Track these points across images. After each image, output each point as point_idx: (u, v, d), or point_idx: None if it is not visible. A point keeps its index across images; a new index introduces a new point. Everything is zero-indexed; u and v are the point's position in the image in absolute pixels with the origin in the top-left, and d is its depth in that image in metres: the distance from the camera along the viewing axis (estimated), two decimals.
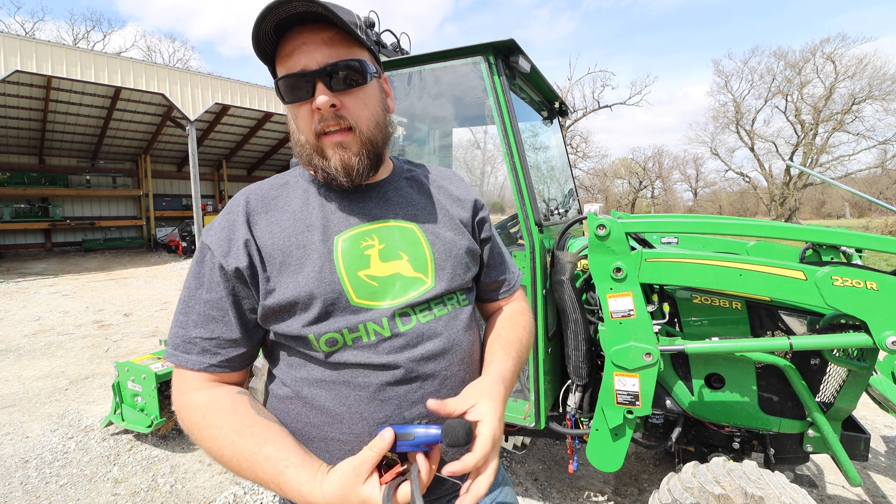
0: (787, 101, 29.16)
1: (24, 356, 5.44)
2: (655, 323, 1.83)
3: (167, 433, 3.40)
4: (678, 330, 2.02)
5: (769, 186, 31.20)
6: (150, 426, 3.10)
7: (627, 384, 1.81)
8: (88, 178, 21.07)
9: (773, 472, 1.61)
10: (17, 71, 10.83)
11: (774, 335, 1.89)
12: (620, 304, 1.80)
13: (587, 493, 2.67)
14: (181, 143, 20.70)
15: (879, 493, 2.65)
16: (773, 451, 1.95)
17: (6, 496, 2.69)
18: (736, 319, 1.92)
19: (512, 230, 2.83)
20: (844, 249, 2.08)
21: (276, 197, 0.87)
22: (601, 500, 2.61)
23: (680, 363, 2.03)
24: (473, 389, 0.79)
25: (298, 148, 0.84)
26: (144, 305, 8.53)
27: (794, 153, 29.39)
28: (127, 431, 3.42)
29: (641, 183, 42.76)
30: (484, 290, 1.05)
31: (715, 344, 1.78)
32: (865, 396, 2.11)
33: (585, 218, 2.06)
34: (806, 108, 28.52)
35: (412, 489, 0.64)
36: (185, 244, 18.10)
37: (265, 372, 1.72)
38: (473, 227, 0.99)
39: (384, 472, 0.68)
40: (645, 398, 1.79)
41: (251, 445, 0.72)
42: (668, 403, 2.05)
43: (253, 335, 0.84)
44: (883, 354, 1.81)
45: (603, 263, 1.82)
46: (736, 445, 1.99)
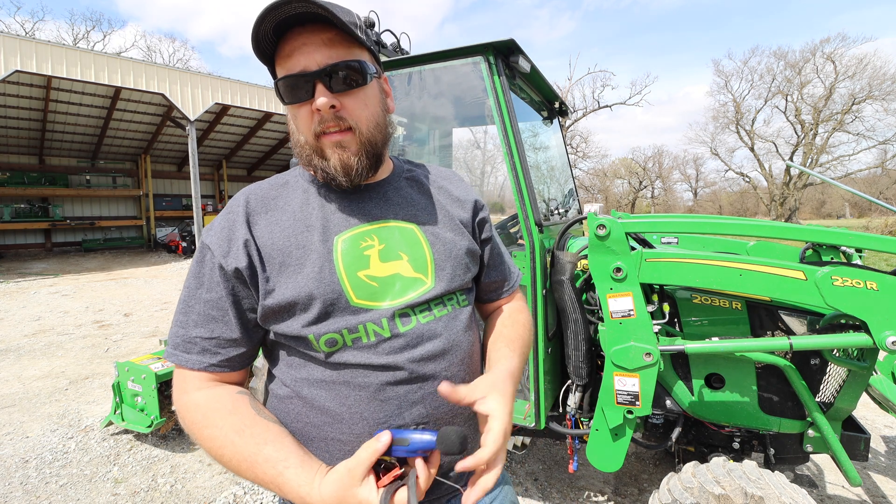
0: (787, 101, 29.18)
1: (24, 356, 5.44)
2: (655, 323, 1.83)
3: (167, 433, 3.40)
4: (678, 330, 2.02)
5: (769, 186, 31.20)
6: (150, 426, 3.11)
7: (627, 384, 1.81)
8: (88, 178, 21.07)
9: (773, 472, 1.61)
10: (17, 71, 10.84)
11: (774, 335, 1.89)
12: (620, 304, 1.80)
13: (587, 493, 2.67)
14: (181, 143, 20.70)
15: (879, 493, 2.65)
16: (773, 451, 1.95)
17: (6, 496, 2.69)
18: (736, 319, 1.92)
19: (512, 230, 2.83)
20: (844, 249, 2.08)
21: (276, 197, 0.87)
22: (601, 500, 2.61)
23: (680, 363, 2.03)
24: (483, 383, 0.78)
25: (298, 148, 0.83)
26: (144, 305, 8.53)
27: (794, 153, 29.39)
28: (127, 431, 3.42)
29: (641, 183, 42.76)
30: (484, 290, 1.05)
31: (715, 344, 1.78)
32: (865, 396, 2.11)
33: (585, 218, 2.06)
34: (806, 108, 28.55)
35: (409, 495, 0.63)
36: (185, 244, 18.10)
37: (265, 372, 1.72)
38: (474, 227, 0.99)
39: (382, 474, 0.67)
40: (645, 398, 1.79)
41: (251, 446, 0.72)
42: (668, 403, 2.05)
43: (253, 335, 0.84)
44: (883, 354, 1.81)
45: (603, 263, 1.82)
46: (736, 445, 1.99)
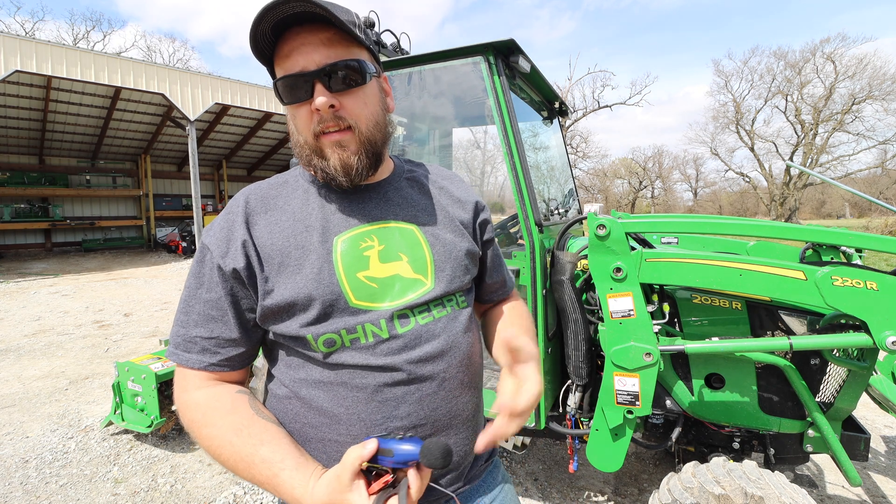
0: (787, 101, 29.17)
1: (24, 356, 5.44)
2: (655, 323, 1.83)
3: (167, 433, 3.40)
4: (678, 330, 2.02)
5: (769, 186, 31.19)
6: (150, 426, 3.10)
7: (627, 384, 1.81)
8: (88, 178, 21.05)
9: (773, 472, 1.61)
10: (17, 71, 10.83)
11: (774, 335, 1.88)
12: (620, 304, 1.80)
13: (587, 493, 2.67)
14: (181, 143, 20.69)
15: (879, 493, 2.65)
16: (773, 451, 1.95)
17: (6, 496, 2.69)
18: (736, 319, 1.92)
19: (512, 230, 2.84)
20: (844, 249, 2.08)
21: (275, 197, 0.87)
22: (601, 500, 2.61)
23: (680, 363, 2.03)
24: (526, 352, 0.79)
25: (298, 149, 0.83)
26: (144, 305, 8.53)
27: (794, 153, 29.38)
28: (127, 431, 3.42)
29: (641, 183, 42.75)
30: (485, 291, 1.05)
31: (715, 344, 1.78)
32: (865, 396, 2.11)
33: (585, 218, 2.06)
34: (806, 108, 28.53)
35: None
36: (185, 244, 18.09)
37: (265, 372, 1.72)
38: (475, 228, 0.99)
39: (373, 481, 0.67)
40: (645, 398, 1.79)
41: (248, 447, 0.72)
42: (668, 403, 2.05)
43: (252, 335, 0.84)
44: (883, 354, 1.81)
45: (603, 263, 1.82)
46: (736, 445, 1.99)
